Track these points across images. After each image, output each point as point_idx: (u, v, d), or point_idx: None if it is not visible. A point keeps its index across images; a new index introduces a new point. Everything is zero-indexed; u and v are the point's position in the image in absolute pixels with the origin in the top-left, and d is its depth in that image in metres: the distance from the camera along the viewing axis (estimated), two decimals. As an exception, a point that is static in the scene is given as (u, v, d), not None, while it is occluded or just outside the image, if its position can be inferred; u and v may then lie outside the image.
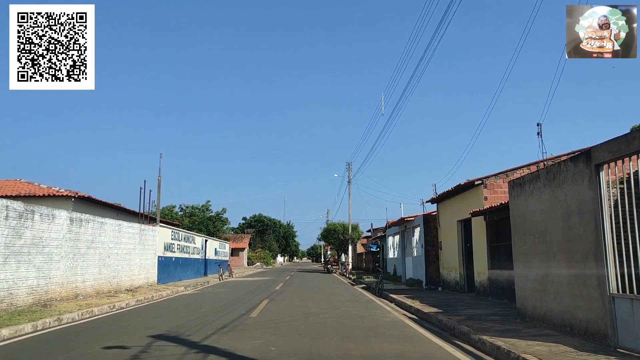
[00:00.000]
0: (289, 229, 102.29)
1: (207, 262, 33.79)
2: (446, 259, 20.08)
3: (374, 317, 11.64)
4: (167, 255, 23.79)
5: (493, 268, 15.30)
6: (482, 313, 11.67)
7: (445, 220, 20.22)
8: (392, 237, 30.56)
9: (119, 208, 27.65)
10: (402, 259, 26.66)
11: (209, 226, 51.00)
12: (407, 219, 23.29)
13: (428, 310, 12.40)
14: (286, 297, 16.36)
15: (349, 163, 44.17)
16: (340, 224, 44.57)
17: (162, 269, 22.98)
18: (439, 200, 20.67)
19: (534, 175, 9.55)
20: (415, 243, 23.62)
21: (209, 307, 13.04)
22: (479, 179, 16.14)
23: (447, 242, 19.98)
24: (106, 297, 15.24)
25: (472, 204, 16.72)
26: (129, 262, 18.80)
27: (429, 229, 21.47)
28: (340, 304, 14.39)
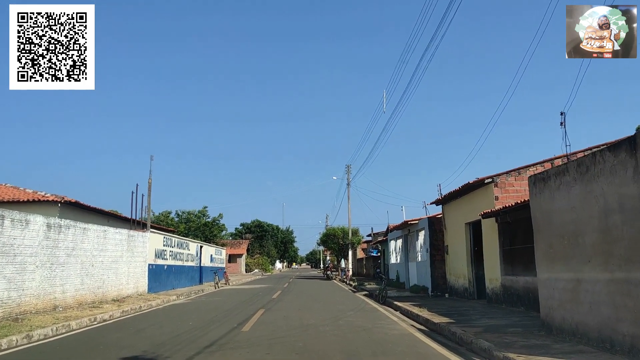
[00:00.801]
0: (287, 234, 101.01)
1: (203, 270, 32.59)
2: (453, 264, 18.94)
3: (380, 329, 10.49)
4: (158, 262, 22.61)
5: (507, 274, 14.17)
6: (499, 324, 10.52)
7: (451, 223, 19.10)
8: (394, 242, 29.41)
9: (110, 214, 26.52)
10: (405, 264, 25.51)
11: (206, 232, 49.71)
12: (410, 222, 22.18)
13: (438, 320, 11.26)
14: (283, 307, 15.20)
15: (348, 166, 43.12)
16: (340, 229, 43.40)
17: (153, 278, 21.80)
18: (444, 201, 19.56)
19: (561, 168, 8.44)
20: (419, 247, 22.48)
21: (197, 320, 11.88)
22: (489, 177, 15.04)
23: (454, 246, 18.85)
24: (89, 309, 14.06)
25: (481, 204, 15.61)
26: (116, 271, 17.63)
27: (435, 233, 20.34)
28: (342, 314, 13.24)
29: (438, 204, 20.29)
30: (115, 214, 26.99)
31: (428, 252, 20.32)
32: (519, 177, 14.98)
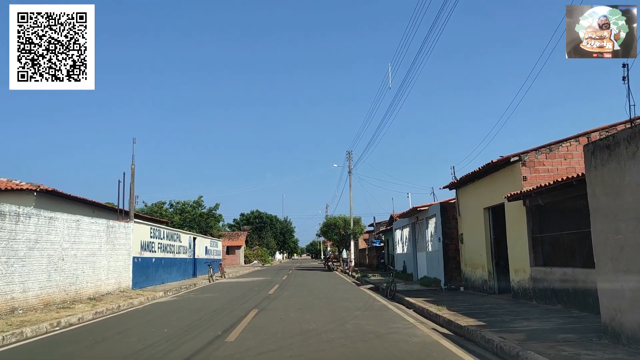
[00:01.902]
0: (287, 225, 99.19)
1: (197, 262, 30.73)
2: (469, 255, 17.03)
3: (397, 335, 8.60)
4: (145, 255, 20.70)
5: (537, 265, 12.26)
6: (543, 328, 8.62)
7: (467, 209, 17.16)
8: (400, 231, 27.50)
9: (95, 204, 24.54)
10: (413, 254, 23.62)
11: (202, 223, 47.72)
12: (420, 208, 20.24)
13: (464, 322, 9.37)
14: (280, 305, 13.29)
15: (349, 152, 41.03)
16: (341, 218, 41.47)
17: (139, 272, 19.90)
18: (459, 185, 17.60)
19: (637, 130, 6.47)
20: (429, 236, 20.56)
21: (176, 324, 9.96)
22: (515, 155, 13.07)
23: (470, 235, 16.93)
24: (55, 311, 12.16)
25: (505, 186, 13.67)
26: (93, 265, 15.71)
27: (447, 220, 18.42)
28: (348, 314, 11.34)
29: (452, 188, 18.34)
30: (99, 204, 25.02)
31: (441, 242, 18.41)
32: (550, 154, 13.01)
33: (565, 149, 13.03)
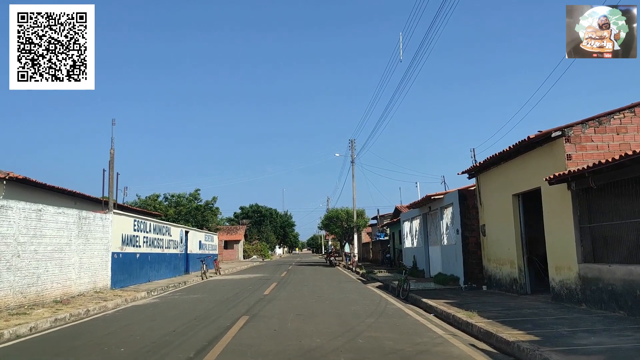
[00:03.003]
0: (287, 218, 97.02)
1: (190, 258, 28.59)
2: (494, 248, 14.88)
3: (428, 356, 6.46)
4: (127, 250, 18.56)
5: (587, 261, 10.11)
6: (623, 346, 6.48)
7: (491, 196, 14.99)
8: (409, 223, 25.33)
9: (75, 194, 22.41)
10: (424, 248, 21.46)
11: (198, 217, 45.55)
12: (434, 197, 18.04)
13: (510, 335, 7.24)
14: (275, 311, 11.13)
15: (352, 140, 38.73)
16: (343, 210, 39.29)
17: (120, 269, 17.77)
18: (480, 169, 15.40)
19: None
20: (445, 228, 18.40)
21: (141, 340, 7.81)
22: (557, 129, 10.86)
23: (495, 225, 14.77)
24: (5, 319, 10.03)
25: (542, 168, 11.51)
26: (60, 263, 13.57)
27: (467, 209, 16.24)
28: (359, 323, 9.20)
29: (472, 173, 16.14)
30: (81, 194, 22.88)
31: (459, 234, 16.23)
32: (600, 128, 10.82)
33: (618, 122, 10.83)
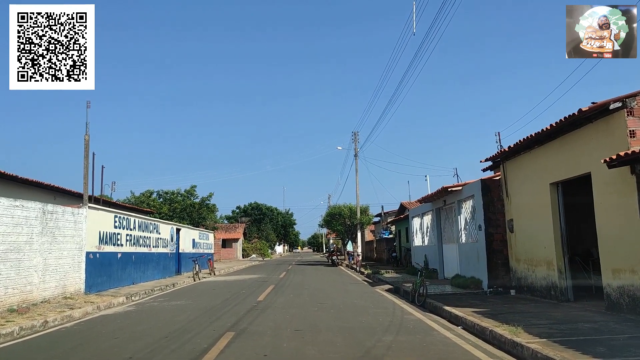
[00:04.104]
0: (287, 217, 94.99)
1: (182, 257, 26.56)
2: (524, 247, 12.83)
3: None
4: (105, 250, 16.52)
5: (660, 262, 8.05)
6: None
7: (521, 186, 12.93)
8: (418, 219, 23.26)
9: (54, 188, 20.50)
10: (438, 247, 19.41)
11: (193, 214, 43.49)
12: (451, 189, 15.95)
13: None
14: (269, 324, 9.07)
15: (356, 133, 36.61)
16: (346, 207, 37.20)
17: (97, 271, 15.75)
18: (507, 155, 13.34)
19: None
20: (463, 224, 16.34)
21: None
22: (617, 99, 8.80)
23: (526, 220, 12.72)
24: None
25: (594, 149, 9.46)
26: (18, 265, 11.55)
27: (491, 202, 14.18)
28: (375, 343, 7.15)
29: (496, 161, 14.07)
30: (60, 188, 20.90)
31: (482, 230, 14.17)
32: (670, 96, 8.75)
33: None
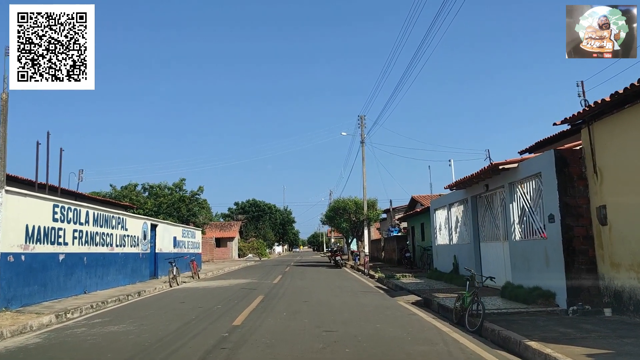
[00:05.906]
0: (287, 214, 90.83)
1: (158, 258, 22.43)
2: (628, 246, 8.63)
3: None
4: (37, 250, 12.37)
5: None
6: None
7: (621, 158, 8.73)
8: (443, 211, 19.05)
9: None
10: (472, 246, 15.23)
11: (182, 209, 39.18)
12: (503, 166, 11.63)
13: None
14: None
15: (362, 117, 32.30)
16: (352, 200, 33.02)
17: (23, 279, 11.63)
18: (597, 114, 9.14)
19: None
20: (517, 214, 12.14)
21: None
22: None
23: (630, 207, 8.52)
24: None
25: None
26: None
27: (568, 182, 9.95)
28: None
29: (575, 123, 9.87)
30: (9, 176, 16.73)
31: (554, 222, 9.96)
32: None
33: None
